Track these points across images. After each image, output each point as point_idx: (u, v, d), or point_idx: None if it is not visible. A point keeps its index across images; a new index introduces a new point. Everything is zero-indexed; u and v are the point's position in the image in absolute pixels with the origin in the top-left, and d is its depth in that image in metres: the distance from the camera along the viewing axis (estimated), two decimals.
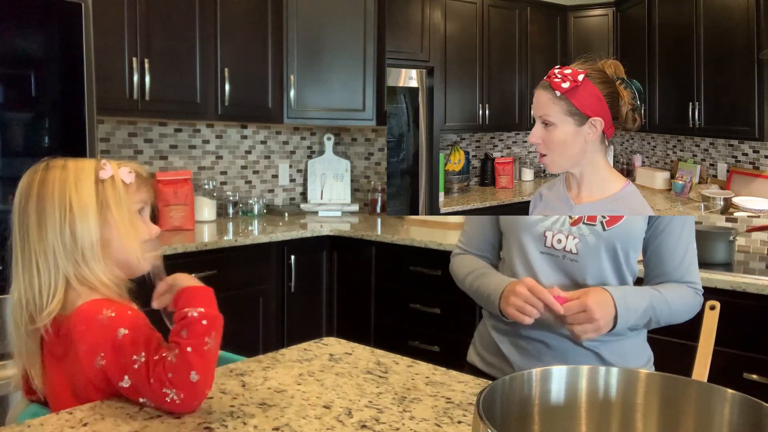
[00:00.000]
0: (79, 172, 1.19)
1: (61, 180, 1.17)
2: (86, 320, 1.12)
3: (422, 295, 3.10)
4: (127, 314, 1.14)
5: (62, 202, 1.16)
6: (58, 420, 1.05)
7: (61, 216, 1.15)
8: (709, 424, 0.79)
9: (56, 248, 1.15)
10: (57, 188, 1.16)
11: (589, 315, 1.32)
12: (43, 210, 1.16)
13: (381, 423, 1.07)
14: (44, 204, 1.16)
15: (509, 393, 0.79)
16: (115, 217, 1.19)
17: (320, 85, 3.60)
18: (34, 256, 1.15)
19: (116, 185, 1.20)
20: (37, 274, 1.15)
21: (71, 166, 1.19)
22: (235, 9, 3.30)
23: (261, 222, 3.55)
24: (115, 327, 1.11)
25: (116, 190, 1.20)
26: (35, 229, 1.16)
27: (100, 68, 2.54)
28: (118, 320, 1.12)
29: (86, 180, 1.18)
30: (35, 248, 1.16)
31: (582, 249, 1.41)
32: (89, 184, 1.18)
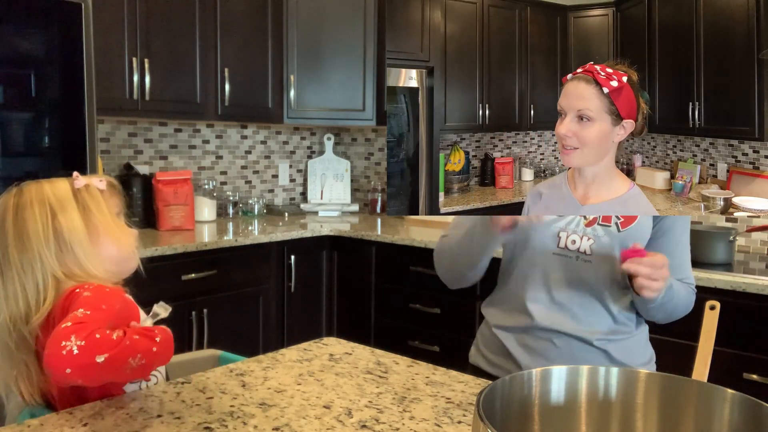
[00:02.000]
0: (54, 183, 1.23)
1: (38, 190, 1.20)
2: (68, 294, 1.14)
3: (422, 295, 3.10)
4: (104, 289, 1.15)
5: (42, 206, 1.18)
6: (58, 420, 1.05)
7: (42, 219, 1.17)
8: (709, 424, 0.79)
9: (42, 253, 1.16)
10: (35, 197, 1.19)
11: (664, 272, 1.32)
12: (24, 220, 1.16)
13: (381, 423, 1.07)
14: (24, 214, 1.17)
15: (509, 393, 0.79)
16: (99, 219, 1.22)
17: (320, 85, 3.60)
18: (17, 275, 1.16)
19: (92, 191, 1.24)
20: (22, 291, 1.15)
21: (44, 182, 1.23)
22: (235, 9, 3.30)
23: (261, 222, 3.55)
24: (85, 289, 1.13)
25: (93, 195, 1.24)
26: (15, 245, 1.16)
27: (100, 68, 2.54)
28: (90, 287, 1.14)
29: (63, 187, 1.22)
30: (17, 265, 1.16)
31: (596, 250, 1.42)
32: (66, 190, 1.22)
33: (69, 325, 1.02)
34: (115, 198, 1.29)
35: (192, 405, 1.12)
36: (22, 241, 1.16)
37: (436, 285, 3.08)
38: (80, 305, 1.09)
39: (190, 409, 1.11)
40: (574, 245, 1.43)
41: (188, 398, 1.15)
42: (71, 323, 1.03)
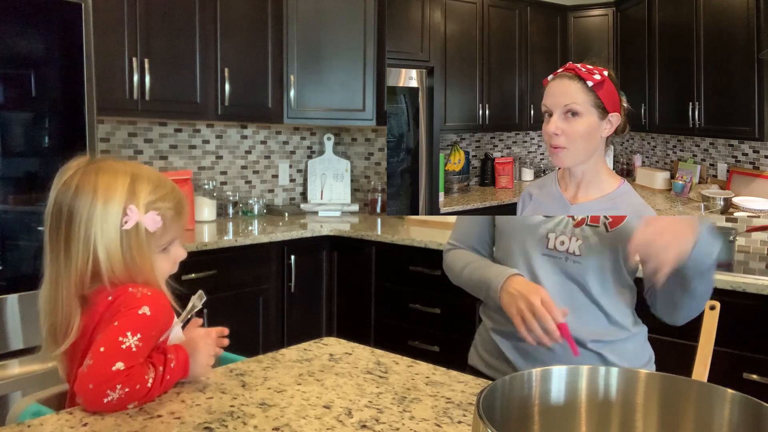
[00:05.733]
0: (107, 214, 1.15)
1: (88, 218, 1.15)
2: (121, 291, 1.15)
3: (422, 295, 3.10)
4: (160, 302, 1.16)
5: (87, 242, 1.14)
6: (58, 420, 1.05)
7: (84, 250, 1.15)
8: (709, 424, 0.79)
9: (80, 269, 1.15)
10: (83, 226, 1.14)
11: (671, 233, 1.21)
12: (69, 239, 1.15)
13: (381, 423, 1.07)
14: (70, 234, 1.15)
15: (509, 393, 0.79)
16: (138, 262, 1.17)
17: (320, 85, 3.60)
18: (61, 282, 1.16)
19: (139, 234, 1.17)
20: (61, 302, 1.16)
21: (100, 201, 1.15)
22: (235, 9, 3.30)
23: (261, 222, 3.55)
24: (143, 301, 1.13)
25: (138, 238, 1.17)
26: (63, 253, 1.16)
27: (100, 68, 2.54)
28: (149, 301, 1.14)
29: (111, 225, 1.16)
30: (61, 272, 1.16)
31: (585, 250, 1.41)
32: (114, 231, 1.16)
33: (121, 368, 1.06)
34: (168, 233, 1.22)
35: (192, 405, 1.12)
36: (68, 252, 1.15)
37: (436, 285, 3.11)
38: (133, 324, 1.10)
39: (190, 409, 1.11)
40: (563, 246, 1.43)
41: (188, 398, 1.15)
42: (124, 365, 1.06)
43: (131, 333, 1.09)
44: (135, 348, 1.09)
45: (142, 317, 1.11)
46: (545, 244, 1.44)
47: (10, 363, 2.24)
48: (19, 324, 2.25)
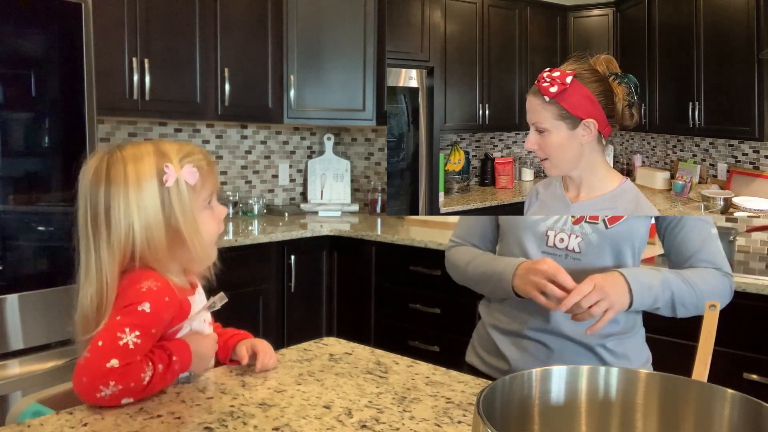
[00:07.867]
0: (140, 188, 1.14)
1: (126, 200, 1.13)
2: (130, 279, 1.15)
3: (422, 295, 3.10)
4: (164, 299, 1.15)
5: (128, 220, 1.13)
6: (58, 420, 1.05)
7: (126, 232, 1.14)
8: (709, 424, 0.79)
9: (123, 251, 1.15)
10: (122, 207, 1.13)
11: (600, 292, 1.27)
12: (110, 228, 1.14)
13: (381, 423, 1.07)
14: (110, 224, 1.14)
15: (509, 393, 0.79)
16: (181, 223, 1.16)
17: (320, 85, 3.60)
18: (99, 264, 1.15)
19: (180, 191, 1.16)
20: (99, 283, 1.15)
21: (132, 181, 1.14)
22: (235, 9, 3.30)
23: (261, 222, 3.55)
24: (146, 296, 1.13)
25: (181, 195, 1.16)
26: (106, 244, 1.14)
27: (100, 68, 2.53)
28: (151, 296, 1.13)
29: (149, 195, 1.14)
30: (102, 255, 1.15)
31: (585, 247, 1.41)
32: (153, 200, 1.14)
33: (116, 366, 1.06)
34: (207, 187, 1.21)
35: (192, 405, 1.12)
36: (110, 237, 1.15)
37: (436, 285, 3.11)
38: (132, 320, 1.10)
39: (190, 409, 1.11)
40: (563, 243, 1.43)
41: (188, 398, 1.15)
42: (119, 363, 1.06)
43: (129, 330, 1.09)
44: (132, 345, 1.09)
45: (142, 314, 1.11)
46: (545, 241, 1.45)
47: (10, 363, 2.24)
48: (19, 324, 2.25)
